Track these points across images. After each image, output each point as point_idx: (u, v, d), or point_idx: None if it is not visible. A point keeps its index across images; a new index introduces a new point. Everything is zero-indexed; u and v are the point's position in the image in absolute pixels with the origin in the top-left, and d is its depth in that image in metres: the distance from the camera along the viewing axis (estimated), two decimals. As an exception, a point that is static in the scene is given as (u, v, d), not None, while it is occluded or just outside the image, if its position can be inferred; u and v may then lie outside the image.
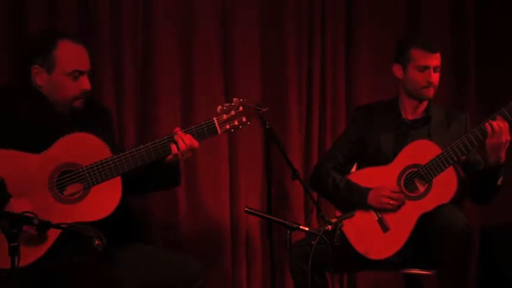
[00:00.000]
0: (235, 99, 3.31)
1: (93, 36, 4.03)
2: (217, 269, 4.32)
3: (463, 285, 3.61)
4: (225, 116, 3.28)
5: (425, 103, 3.87)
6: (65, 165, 3.16)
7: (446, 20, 4.92)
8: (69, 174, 3.16)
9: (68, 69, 3.23)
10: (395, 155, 3.76)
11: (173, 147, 3.23)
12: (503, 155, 3.61)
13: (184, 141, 3.23)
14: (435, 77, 3.80)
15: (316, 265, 3.32)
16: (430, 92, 3.81)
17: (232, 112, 3.29)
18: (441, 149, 3.66)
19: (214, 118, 3.28)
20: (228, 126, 3.28)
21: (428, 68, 3.78)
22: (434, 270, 3.66)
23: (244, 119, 3.30)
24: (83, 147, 3.18)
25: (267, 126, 3.45)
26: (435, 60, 3.79)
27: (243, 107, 3.30)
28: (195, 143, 3.25)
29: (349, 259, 3.71)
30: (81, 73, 3.26)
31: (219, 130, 3.28)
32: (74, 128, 3.21)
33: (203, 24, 4.31)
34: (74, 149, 3.17)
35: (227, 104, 3.30)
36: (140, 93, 4.20)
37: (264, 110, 3.34)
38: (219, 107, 3.29)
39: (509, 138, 3.59)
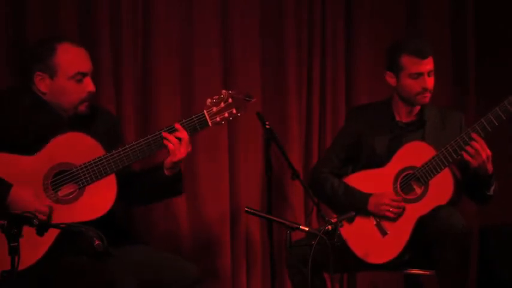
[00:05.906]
0: (223, 91, 3.31)
1: (93, 36, 4.03)
2: (217, 269, 4.31)
3: (462, 286, 3.60)
4: (214, 109, 3.29)
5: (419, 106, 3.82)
6: (58, 165, 3.16)
7: (446, 19, 4.92)
8: (63, 175, 3.16)
9: (70, 72, 3.22)
10: (390, 156, 3.74)
11: (168, 144, 3.23)
12: (489, 167, 3.59)
13: (176, 135, 3.24)
14: (430, 82, 3.69)
15: (314, 266, 3.32)
16: (426, 98, 3.72)
17: (222, 104, 3.29)
18: (435, 151, 3.64)
19: (205, 111, 3.28)
20: (218, 119, 3.29)
21: (422, 74, 3.67)
22: (434, 270, 3.66)
23: (234, 111, 3.31)
24: (75, 146, 3.18)
25: (267, 126, 3.44)
26: (428, 65, 3.68)
27: (232, 99, 3.31)
28: (185, 135, 3.24)
29: (348, 260, 3.70)
30: (84, 75, 3.25)
31: (209, 123, 3.28)
32: (68, 129, 3.20)
33: (203, 27, 4.31)
34: (66, 148, 3.17)
35: (216, 97, 3.30)
36: (140, 92, 4.20)
37: (253, 100, 3.35)
38: (209, 100, 3.30)
39: (489, 152, 3.56)
